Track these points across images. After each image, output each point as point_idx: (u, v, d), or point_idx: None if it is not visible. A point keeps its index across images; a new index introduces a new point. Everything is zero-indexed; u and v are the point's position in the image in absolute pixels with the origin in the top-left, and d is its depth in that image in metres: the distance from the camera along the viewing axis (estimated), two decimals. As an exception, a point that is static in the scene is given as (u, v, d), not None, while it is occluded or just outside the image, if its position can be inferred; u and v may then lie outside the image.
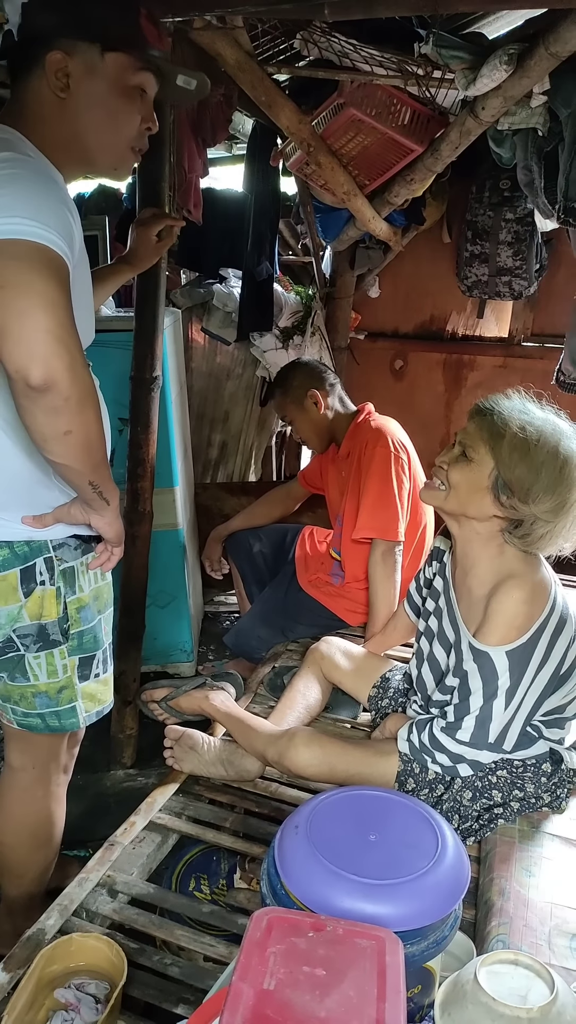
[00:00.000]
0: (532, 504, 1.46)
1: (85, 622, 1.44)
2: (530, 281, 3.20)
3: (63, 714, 1.45)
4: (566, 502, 1.45)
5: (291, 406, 2.50)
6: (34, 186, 1.10)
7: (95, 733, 1.76)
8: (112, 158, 1.32)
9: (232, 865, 1.69)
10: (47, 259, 1.07)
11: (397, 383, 3.81)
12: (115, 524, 1.33)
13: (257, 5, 1.67)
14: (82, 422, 1.13)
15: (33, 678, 1.40)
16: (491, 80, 1.78)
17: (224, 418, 3.74)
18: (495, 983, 1.02)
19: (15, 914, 1.63)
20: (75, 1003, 1.23)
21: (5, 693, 1.44)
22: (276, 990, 0.88)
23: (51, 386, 1.06)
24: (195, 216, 2.34)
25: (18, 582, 1.32)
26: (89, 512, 1.30)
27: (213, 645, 3.19)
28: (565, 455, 1.46)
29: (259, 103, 2.10)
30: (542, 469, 1.45)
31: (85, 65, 1.22)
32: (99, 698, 1.52)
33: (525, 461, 1.46)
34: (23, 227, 1.05)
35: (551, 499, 1.45)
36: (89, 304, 1.35)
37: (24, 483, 1.29)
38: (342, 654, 2.04)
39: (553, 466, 1.45)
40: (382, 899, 1.08)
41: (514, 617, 1.48)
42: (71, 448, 1.15)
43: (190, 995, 1.28)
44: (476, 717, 1.51)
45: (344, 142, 2.31)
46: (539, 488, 1.45)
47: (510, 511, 1.50)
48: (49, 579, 1.35)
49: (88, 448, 1.17)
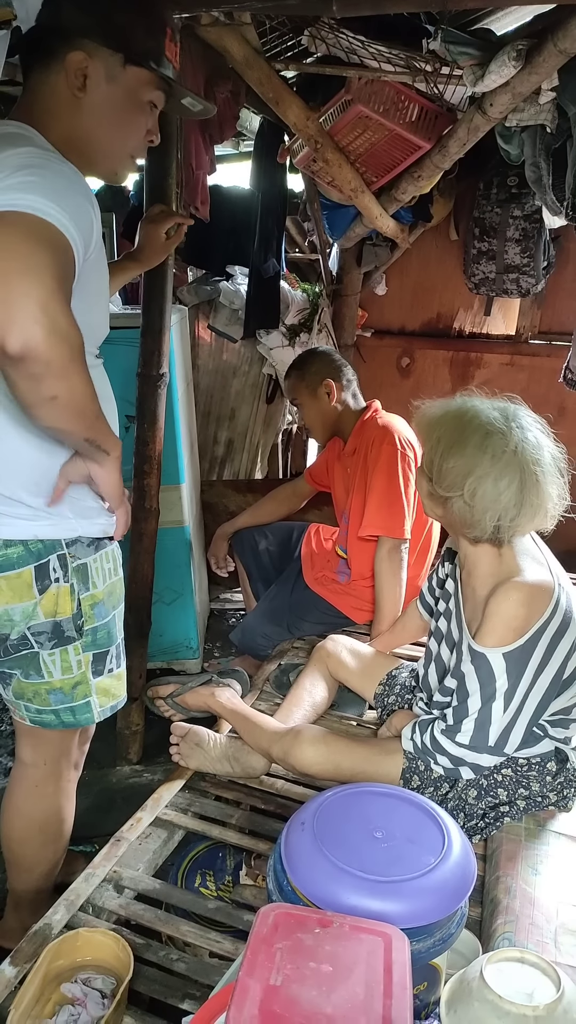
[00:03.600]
0: (439, 482, 1.49)
1: (99, 618, 1.44)
2: (538, 278, 3.19)
3: (78, 710, 1.46)
4: (468, 469, 1.45)
5: (304, 391, 2.50)
6: (60, 174, 1.11)
7: (102, 729, 1.77)
8: (113, 163, 1.35)
9: (238, 861, 1.69)
10: (47, 233, 1.05)
11: (404, 380, 3.81)
12: (113, 475, 1.28)
13: (265, 1, 1.67)
14: (67, 387, 1.09)
15: (48, 675, 1.41)
16: (499, 76, 1.77)
17: (230, 415, 3.74)
18: (501, 981, 1.02)
19: (22, 909, 1.64)
20: (81, 997, 1.24)
21: (19, 690, 1.44)
22: (283, 986, 0.88)
23: (28, 353, 1.03)
24: (202, 213, 2.34)
25: (33, 579, 1.32)
26: (89, 464, 1.27)
27: (219, 642, 3.19)
28: (459, 426, 1.48)
29: (266, 100, 2.10)
30: (439, 444, 1.49)
31: (106, 71, 1.24)
32: (113, 693, 1.52)
33: (427, 445, 1.53)
34: (34, 204, 1.04)
35: (451, 471, 1.47)
36: (105, 300, 1.36)
37: (35, 472, 1.29)
38: (348, 652, 2.03)
39: (447, 438, 1.48)
40: (388, 896, 1.08)
41: (511, 619, 1.46)
42: (59, 412, 1.12)
43: (196, 991, 1.28)
44: (475, 720, 1.50)
45: (351, 139, 2.31)
46: (440, 462, 1.48)
47: (436, 498, 1.53)
48: (63, 576, 1.35)
49: (78, 410, 1.14)
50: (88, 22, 1.22)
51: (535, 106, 1.93)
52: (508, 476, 1.43)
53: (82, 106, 1.25)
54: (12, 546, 1.30)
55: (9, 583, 1.31)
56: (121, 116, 1.29)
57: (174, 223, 1.78)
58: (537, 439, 1.46)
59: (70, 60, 1.21)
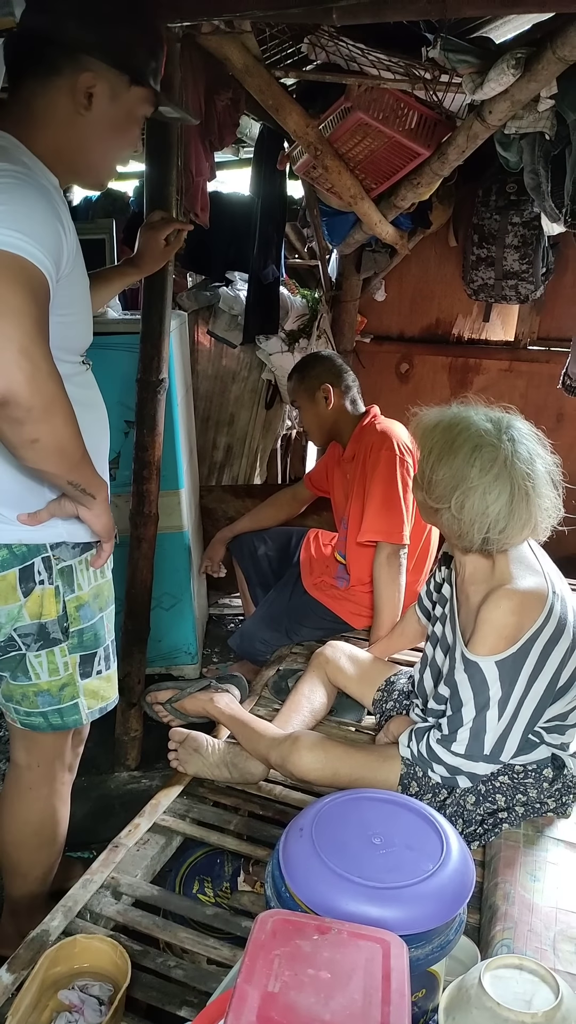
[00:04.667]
0: (429, 492, 1.50)
1: (85, 620, 1.44)
2: (536, 285, 3.19)
3: (65, 711, 1.46)
4: (456, 482, 1.45)
5: (303, 394, 2.52)
6: (25, 199, 1.09)
7: (99, 735, 1.77)
8: (100, 175, 1.37)
9: (236, 868, 1.68)
10: (24, 271, 1.06)
11: (403, 386, 3.81)
12: (102, 517, 1.32)
13: (265, 9, 1.68)
14: (49, 430, 1.11)
15: (35, 676, 1.41)
16: (498, 84, 1.78)
17: (230, 421, 3.74)
18: (500, 988, 1.02)
19: (19, 915, 1.63)
20: (79, 1004, 1.23)
21: (7, 693, 1.44)
22: (281, 993, 0.88)
23: (9, 398, 1.04)
24: (202, 219, 2.35)
25: (17, 581, 1.33)
26: (77, 506, 1.30)
27: (217, 647, 3.19)
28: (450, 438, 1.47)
29: (266, 107, 2.11)
30: (430, 455, 1.49)
31: (111, 91, 1.25)
32: (102, 695, 1.52)
33: (420, 454, 1.54)
34: (5, 239, 1.04)
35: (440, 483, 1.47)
36: (87, 309, 1.36)
37: (15, 483, 1.29)
38: (347, 658, 2.03)
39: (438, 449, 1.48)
40: (387, 903, 1.08)
41: (503, 627, 1.46)
42: (42, 455, 1.14)
43: (193, 997, 1.28)
44: (470, 729, 1.49)
45: (351, 146, 2.32)
46: (430, 473, 1.49)
47: (427, 508, 1.54)
48: (48, 578, 1.36)
49: (60, 452, 1.16)
50: (95, 41, 1.21)
51: (534, 113, 1.94)
52: (497, 489, 1.42)
53: (82, 123, 1.25)
54: None
55: None
56: (118, 132, 1.31)
57: (174, 229, 1.79)
58: (530, 451, 1.45)
59: (81, 81, 1.21)
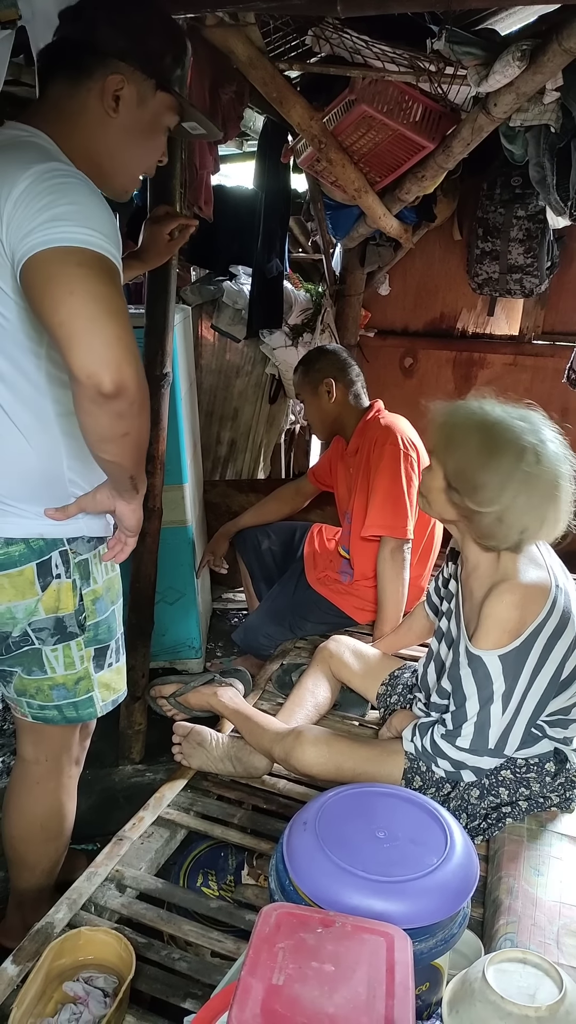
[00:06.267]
0: (471, 496, 1.47)
1: (100, 613, 1.45)
2: (541, 279, 3.18)
3: (80, 704, 1.46)
4: (503, 486, 1.43)
5: (307, 387, 2.53)
6: (87, 196, 1.14)
7: (104, 728, 1.77)
8: (125, 181, 1.39)
9: (240, 861, 1.69)
10: (108, 267, 1.11)
11: (407, 381, 3.80)
12: (138, 512, 1.36)
13: (269, 1, 1.67)
14: (140, 424, 1.17)
15: (50, 671, 1.41)
16: (504, 76, 1.77)
17: (233, 415, 3.74)
18: (503, 981, 1.02)
19: (24, 907, 1.64)
20: (84, 996, 1.24)
21: (20, 687, 1.44)
22: (285, 985, 0.88)
23: (121, 392, 1.09)
24: (206, 213, 2.34)
25: (35, 576, 1.33)
26: (116, 499, 1.32)
27: (221, 642, 3.19)
28: (492, 441, 1.45)
29: (270, 100, 2.10)
30: (472, 458, 1.47)
31: (138, 94, 1.28)
32: (113, 687, 1.53)
33: (456, 455, 1.50)
34: (85, 236, 1.08)
35: (485, 487, 1.45)
36: None
37: (37, 478, 1.30)
38: (351, 653, 2.03)
39: (481, 453, 1.46)
40: (391, 896, 1.08)
41: (506, 621, 1.47)
42: (126, 448, 1.19)
43: (198, 990, 1.28)
44: (474, 723, 1.50)
45: (355, 139, 2.31)
46: (472, 477, 1.46)
47: (463, 509, 1.51)
48: (65, 572, 1.36)
49: (140, 447, 1.22)
50: (126, 45, 1.25)
51: (539, 106, 1.93)
52: (539, 492, 1.43)
53: (110, 125, 1.28)
54: (14, 544, 1.30)
55: (11, 581, 1.31)
56: (144, 138, 1.33)
57: (178, 224, 1.78)
58: (562, 453, 1.47)
59: (109, 82, 1.25)
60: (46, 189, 1.09)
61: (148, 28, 1.29)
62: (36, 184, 1.09)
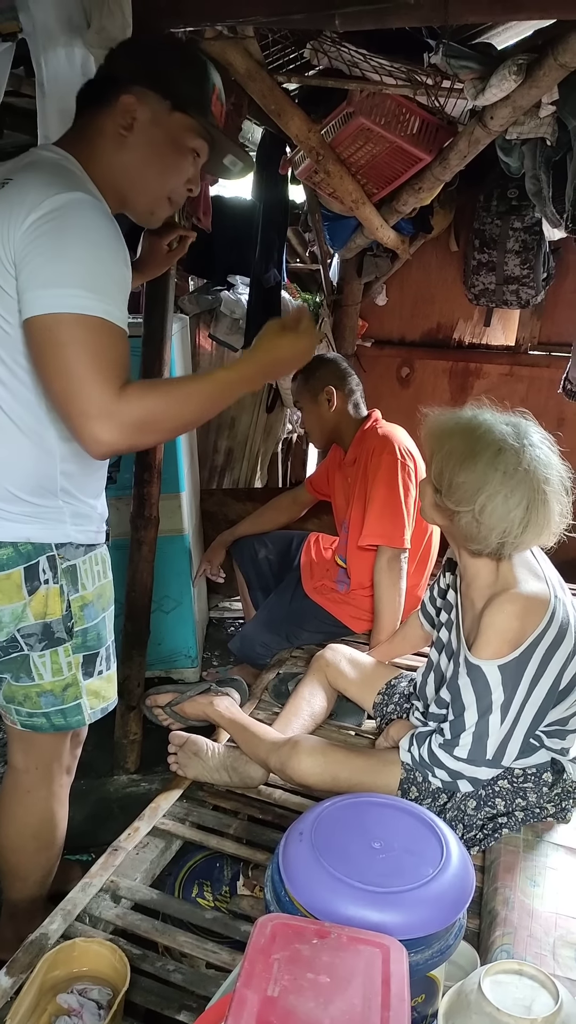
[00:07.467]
0: (449, 495, 1.48)
1: (88, 619, 1.45)
2: (537, 290, 3.20)
3: (68, 712, 1.46)
4: (479, 486, 1.44)
5: (306, 395, 2.53)
6: (95, 246, 1.18)
7: (99, 738, 1.76)
8: (148, 202, 1.41)
9: (235, 872, 1.68)
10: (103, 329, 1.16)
11: (403, 390, 3.82)
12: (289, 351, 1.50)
13: (268, 15, 1.68)
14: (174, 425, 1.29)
15: (38, 677, 1.41)
16: (500, 90, 1.79)
17: (231, 424, 3.75)
18: (499, 993, 1.02)
19: (18, 918, 1.63)
20: (78, 1008, 1.23)
21: (9, 694, 1.44)
22: (280, 997, 0.88)
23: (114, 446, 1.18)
24: (204, 223, 2.36)
25: (22, 580, 1.33)
26: None
27: (218, 651, 3.19)
28: (473, 442, 1.46)
29: (269, 112, 2.11)
30: (452, 458, 1.48)
31: (152, 114, 1.32)
32: (103, 695, 1.52)
33: (439, 456, 1.52)
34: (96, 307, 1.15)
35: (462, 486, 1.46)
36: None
37: (30, 482, 1.30)
38: (347, 662, 2.03)
39: (461, 453, 1.47)
40: (386, 907, 1.08)
41: (506, 631, 1.46)
42: (187, 426, 1.36)
43: (192, 1002, 1.27)
44: (473, 733, 1.49)
45: (353, 151, 2.33)
46: (451, 476, 1.47)
47: (444, 509, 1.52)
48: (53, 577, 1.36)
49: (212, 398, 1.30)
50: (137, 67, 1.32)
51: (535, 119, 1.95)
52: (518, 494, 1.43)
53: (126, 145, 1.32)
54: (2, 547, 1.31)
55: None
56: (162, 157, 1.36)
57: (177, 235, 1.79)
58: (547, 457, 1.46)
59: (122, 101, 1.29)
60: (57, 229, 1.15)
61: (157, 49, 1.38)
62: (47, 222, 1.15)
